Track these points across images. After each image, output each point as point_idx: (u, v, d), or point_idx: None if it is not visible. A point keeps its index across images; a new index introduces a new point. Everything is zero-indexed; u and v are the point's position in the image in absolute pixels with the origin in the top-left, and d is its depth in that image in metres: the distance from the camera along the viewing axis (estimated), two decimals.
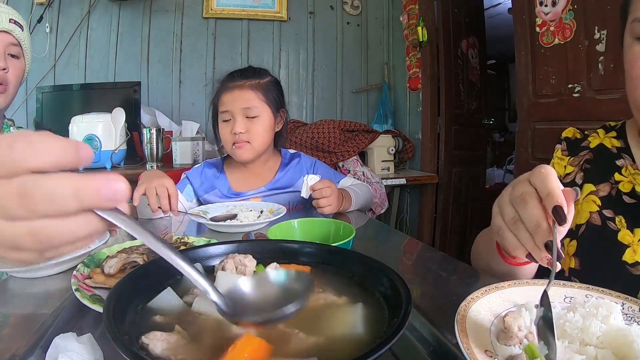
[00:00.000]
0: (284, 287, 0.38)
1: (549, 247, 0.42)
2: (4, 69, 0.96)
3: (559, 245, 0.42)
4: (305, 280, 0.39)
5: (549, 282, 0.41)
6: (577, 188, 0.46)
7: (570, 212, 0.42)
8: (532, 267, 0.60)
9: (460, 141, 2.59)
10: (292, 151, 1.34)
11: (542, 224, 0.42)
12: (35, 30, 2.25)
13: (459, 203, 2.64)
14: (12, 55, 0.95)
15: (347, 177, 1.34)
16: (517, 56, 1.84)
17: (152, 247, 0.30)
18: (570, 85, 1.61)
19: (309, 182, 1.07)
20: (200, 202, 1.25)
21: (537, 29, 1.71)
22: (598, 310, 0.41)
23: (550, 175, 0.43)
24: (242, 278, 0.39)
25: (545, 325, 0.37)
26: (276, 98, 1.21)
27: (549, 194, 0.42)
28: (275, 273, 0.40)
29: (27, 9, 2.24)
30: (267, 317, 0.34)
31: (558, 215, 0.41)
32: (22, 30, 0.96)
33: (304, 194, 1.07)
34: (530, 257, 0.46)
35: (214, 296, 0.33)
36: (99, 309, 0.47)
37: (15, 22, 0.94)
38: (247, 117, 1.16)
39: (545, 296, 0.40)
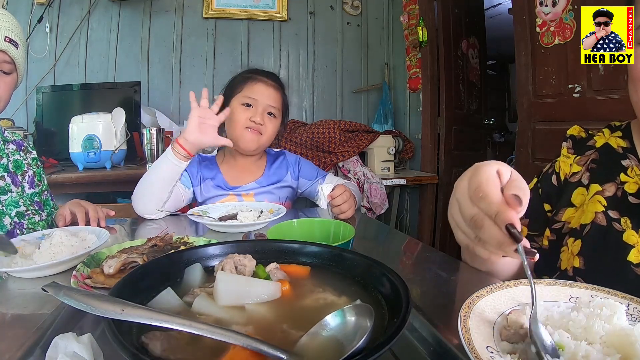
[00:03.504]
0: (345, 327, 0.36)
1: (516, 238, 0.42)
2: None
3: (527, 244, 0.43)
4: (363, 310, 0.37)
5: (532, 289, 0.41)
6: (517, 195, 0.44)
7: (522, 205, 0.43)
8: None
9: (460, 141, 2.59)
10: (275, 150, 1.41)
11: (504, 240, 0.43)
12: (35, 30, 2.25)
13: None
14: (4, 72, 0.93)
15: (329, 174, 1.38)
16: (517, 56, 1.84)
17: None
18: (570, 85, 1.61)
19: (325, 192, 1.09)
20: (194, 194, 1.27)
21: (537, 29, 1.71)
22: (602, 310, 0.41)
23: (489, 195, 0.44)
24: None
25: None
26: (286, 110, 1.32)
27: (497, 214, 0.43)
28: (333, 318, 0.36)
29: (27, 9, 2.25)
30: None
31: (513, 234, 0.42)
32: (17, 48, 0.93)
33: (323, 204, 1.08)
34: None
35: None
36: None
37: (11, 41, 0.91)
38: (267, 114, 1.24)
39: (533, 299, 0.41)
